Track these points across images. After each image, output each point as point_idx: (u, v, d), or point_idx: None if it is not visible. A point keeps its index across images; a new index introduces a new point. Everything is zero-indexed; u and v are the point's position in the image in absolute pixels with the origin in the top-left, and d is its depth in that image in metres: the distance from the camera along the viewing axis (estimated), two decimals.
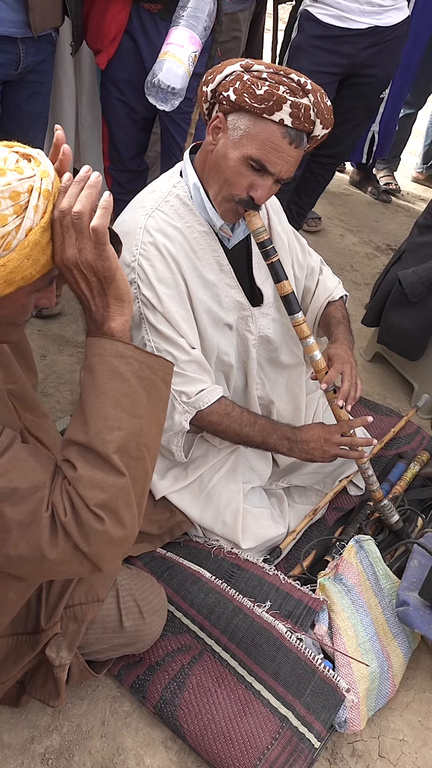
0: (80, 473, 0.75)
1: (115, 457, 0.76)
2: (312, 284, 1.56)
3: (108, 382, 0.77)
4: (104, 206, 0.75)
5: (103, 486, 0.75)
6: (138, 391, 0.78)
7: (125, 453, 0.77)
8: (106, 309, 0.78)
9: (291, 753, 1.15)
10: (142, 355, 0.79)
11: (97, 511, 0.74)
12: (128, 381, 0.77)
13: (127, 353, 0.78)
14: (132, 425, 0.77)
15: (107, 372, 0.77)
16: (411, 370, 2.17)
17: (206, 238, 1.30)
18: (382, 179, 3.64)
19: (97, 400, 0.77)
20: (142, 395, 0.78)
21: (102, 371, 0.77)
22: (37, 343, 2.07)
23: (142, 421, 0.78)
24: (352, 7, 2.10)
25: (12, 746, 1.17)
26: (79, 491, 0.75)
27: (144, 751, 1.19)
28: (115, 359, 0.77)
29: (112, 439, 0.76)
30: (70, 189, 0.76)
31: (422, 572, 1.36)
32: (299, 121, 1.14)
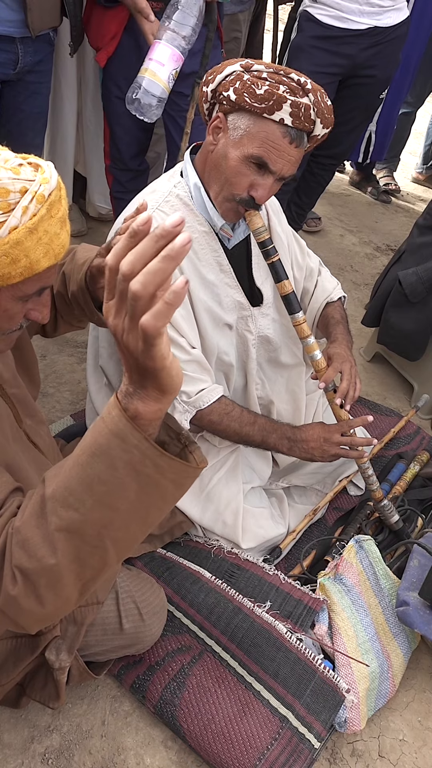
0: (20, 527, 0.68)
1: (56, 535, 0.66)
2: (311, 285, 1.56)
3: (93, 458, 0.64)
4: (170, 301, 0.53)
5: (30, 555, 0.67)
6: (125, 483, 0.64)
7: (75, 536, 0.66)
8: (141, 389, 0.62)
9: (291, 753, 1.15)
10: (151, 449, 0.63)
11: (16, 572, 0.67)
12: (115, 469, 0.64)
13: (131, 440, 0.62)
14: (96, 515, 0.65)
15: (97, 447, 0.64)
16: (411, 370, 2.17)
17: (206, 238, 1.30)
18: (381, 179, 3.64)
19: (73, 467, 0.66)
20: (130, 489, 0.65)
21: (94, 441, 0.65)
22: (37, 344, 2.07)
23: (115, 514, 0.66)
24: (352, 8, 2.10)
25: (12, 746, 1.16)
26: (12, 542, 0.68)
27: (144, 751, 1.19)
28: (113, 438, 0.63)
29: (63, 516, 0.66)
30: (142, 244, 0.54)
31: (422, 572, 1.36)
32: (299, 121, 1.14)
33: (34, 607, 0.69)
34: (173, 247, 0.52)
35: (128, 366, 0.61)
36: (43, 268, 0.74)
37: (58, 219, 0.74)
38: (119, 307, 0.57)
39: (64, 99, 2.26)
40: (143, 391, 0.62)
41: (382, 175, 3.66)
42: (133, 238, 0.54)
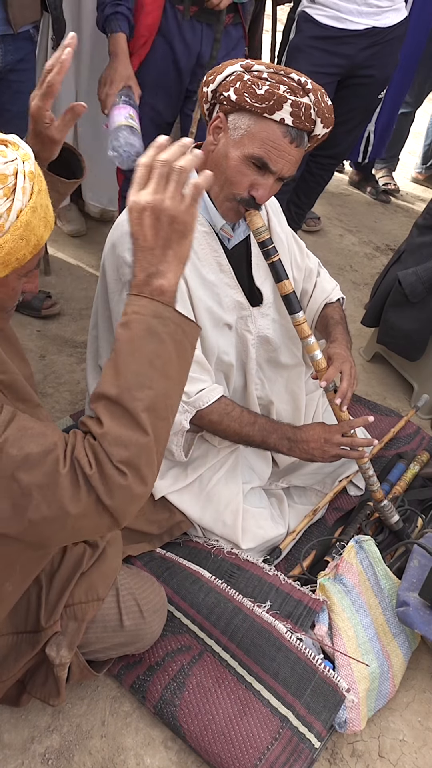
0: (106, 430, 0.76)
1: (143, 416, 0.76)
2: (310, 286, 1.56)
3: (144, 341, 0.77)
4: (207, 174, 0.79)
5: (127, 444, 0.76)
6: (171, 352, 0.79)
7: (153, 412, 0.77)
8: (162, 263, 0.78)
9: (291, 753, 1.15)
10: (179, 317, 0.79)
11: (121, 467, 0.76)
12: (164, 342, 0.78)
13: (166, 314, 0.78)
14: (162, 385, 0.78)
15: (144, 331, 0.77)
16: (411, 370, 2.17)
17: (207, 238, 1.30)
18: (380, 179, 3.65)
19: (132, 357, 0.77)
20: (173, 357, 0.79)
21: (139, 329, 0.77)
22: (37, 344, 2.07)
23: (171, 382, 0.79)
24: (350, 8, 2.10)
25: (12, 746, 1.16)
26: (104, 447, 0.76)
27: (144, 751, 1.19)
28: (153, 320, 0.77)
29: (142, 397, 0.77)
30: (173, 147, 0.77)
31: (422, 572, 1.36)
32: (300, 121, 1.14)
33: (141, 489, 0.78)
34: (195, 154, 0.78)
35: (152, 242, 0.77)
36: (45, 240, 0.80)
37: (44, 191, 0.79)
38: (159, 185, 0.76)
39: (61, 99, 2.25)
40: (164, 264, 0.78)
41: (381, 175, 3.67)
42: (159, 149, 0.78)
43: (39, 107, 1.02)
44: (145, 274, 0.78)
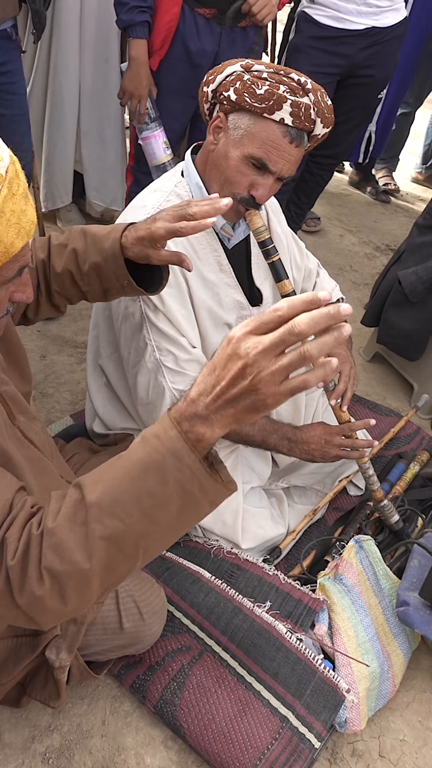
0: (55, 529, 0.69)
1: (96, 543, 0.68)
2: (309, 286, 1.57)
3: (145, 473, 0.67)
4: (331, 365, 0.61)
5: (64, 558, 0.68)
6: (171, 499, 0.68)
7: (114, 545, 0.69)
8: (216, 413, 0.65)
9: (291, 753, 1.15)
10: (202, 471, 0.67)
11: (44, 573, 0.68)
12: (166, 485, 0.67)
13: (186, 461, 0.66)
14: (140, 526, 0.68)
15: (152, 462, 0.67)
16: (411, 370, 2.17)
17: (207, 238, 1.30)
18: (380, 179, 3.65)
19: (123, 479, 0.68)
20: (173, 505, 0.68)
21: (148, 457, 0.67)
22: (37, 344, 2.07)
23: (155, 527, 0.69)
24: (350, 8, 2.10)
25: (13, 746, 1.16)
26: (42, 544, 0.68)
27: (144, 751, 1.19)
28: (169, 456, 0.66)
29: (108, 525, 0.67)
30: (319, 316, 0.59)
31: (422, 572, 1.36)
32: (300, 120, 1.14)
33: (57, 606, 0.70)
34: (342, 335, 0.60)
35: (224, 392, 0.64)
36: (19, 249, 0.73)
37: (20, 195, 0.72)
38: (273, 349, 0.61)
39: (63, 99, 2.26)
40: (217, 417, 0.65)
41: (381, 175, 3.67)
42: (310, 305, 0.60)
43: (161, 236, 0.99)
44: (193, 409, 0.66)
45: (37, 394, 1.88)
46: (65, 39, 2.13)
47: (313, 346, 0.60)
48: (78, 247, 1.09)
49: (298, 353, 0.60)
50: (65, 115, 2.28)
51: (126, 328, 1.31)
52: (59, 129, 2.31)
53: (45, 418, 1.81)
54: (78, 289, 1.13)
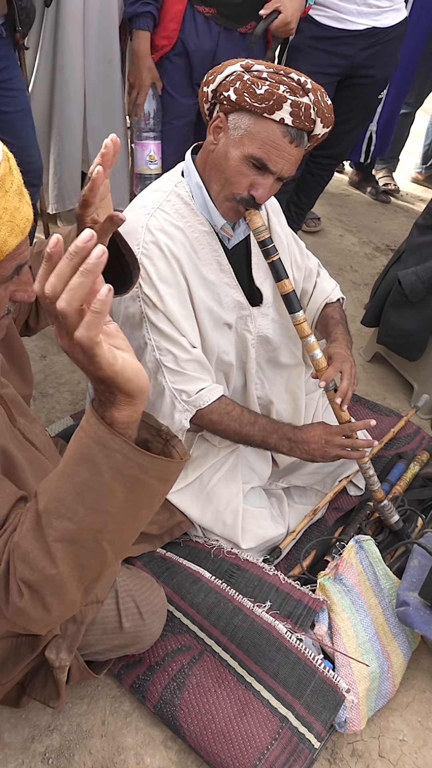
0: (19, 541, 0.69)
1: (54, 546, 0.67)
2: (309, 286, 1.57)
3: (78, 467, 0.66)
4: (97, 309, 0.56)
5: (32, 567, 0.68)
6: (112, 486, 0.66)
7: (73, 544, 0.68)
8: (111, 395, 0.64)
9: (291, 753, 1.15)
10: (133, 451, 0.65)
11: (21, 585, 0.69)
12: (101, 474, 0.65)
13: (112, 445, 0.64)
14: (90, 520, 0.67)
15: (80, 456, 0.66)
16: (411, 370, 2.17)
17: (207, 238, 1.30)
18: (380, 179, 3.65)
19: (60, 478, 0.67)
20: (118, 491, 0.66)
21: (77, 452, 0.66)
22: (37, 344, 2.07)
23: (108, 517, 0.67)
24: (350, 9, 2.10)
25: (12, 746, 1.17)
26: (14, 557, 0.69)
27: (144, 751, 1.19)
28: (94, 446, 0.64)
29: (58, 527, 0.67)
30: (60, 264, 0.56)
31: (422, 572, 1.36)
32: (300, 120, 1.14)
33: (42, 615, 0.71)
34: (89, 262, 0.54)
35: (90, 379, 0.63)
36: (13, 247, 0.71)
37: (14, 192, 0.71)
38: (59, 328, 0.58)
39: (71, 99, 2.25)
40: (112, 396, 0.63)
41: (381, 175, 3.67)
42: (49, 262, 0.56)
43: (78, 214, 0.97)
44: (98, 397, 0.65)
45: (37, 394, 1.88)
46: (71, 38, 2.13)
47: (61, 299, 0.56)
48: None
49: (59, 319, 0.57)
50: (72, 116, 2.28)
51: (126, 328, 1.31)
52: (67, 130, 2.30)
53: (45, 418, 1.81)
54: None
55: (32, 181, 1.83)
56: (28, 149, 1.78)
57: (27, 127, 1.81)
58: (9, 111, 1.74)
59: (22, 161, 2.08)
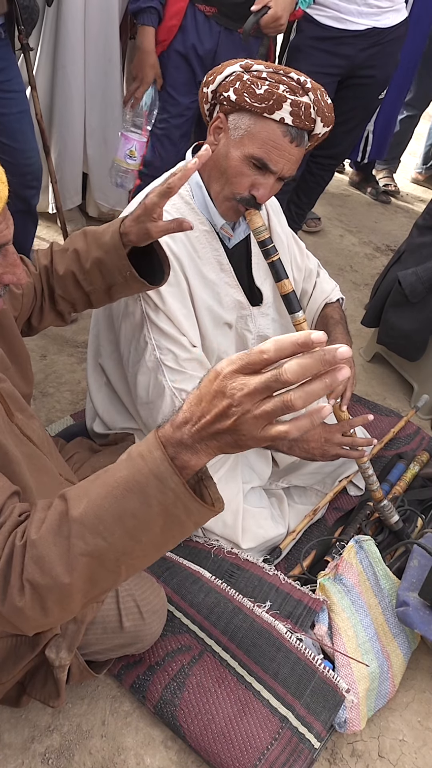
0: (37, 542, 0.68)
1: (78, 559, 0.67)
2: (309, 286, 1.57)
3: (129, 493, 0.66)
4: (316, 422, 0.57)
5: (45, 571, 0.67)
6: (154, 520, 0.67)
7: (96, 561, 0.68)
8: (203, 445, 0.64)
9: (291, 753, 1.15)
10: (187, 495, 0.65)
11: (26, 585, 0.68)
12: (150, 507, 0.66)
13: (169, 484, 0.64)
14: (122, 544, 0.67)
15: (134, 483, 0.66)
16: (411, 370, 2.17)
17: (207, 237, 1.30)
18: (381, 180, 3.65)
19: (106, 497, 0.67)
20: (156, 525, 0.67)
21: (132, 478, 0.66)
22: (37, 343, 2.07)
23: (138, 546, 0.68)
24: (350, 9, 2.11)
25: (12, 746, 1.16)
26: (25, 556, 0.68)
27: (144, 751, 1.19)
28: (152, 479, 0.65)
29: (90, 543, 0.67)
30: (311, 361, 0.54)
31: (422, 572, 1.36)
32: (300, 120, 1.14)
33: (38, 617, 0.70)
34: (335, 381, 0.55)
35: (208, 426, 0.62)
36: None
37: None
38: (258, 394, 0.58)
39: (73, 99, 2.25)
40: (203, 447, 0.64)
41: (382, 176, 3.67)
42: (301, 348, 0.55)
43: (154, 203, 0.99)
44: (179, 436, 0.64)
45: (37, 394, 1.88)
46: (72, 38, 2.14)
47: (299, 395, 0.56)
48: (79, 247, 1.10)
49: (281, 402, 0.57)
50: (74, 116, 2.28)
51: (126, 327, 1.31)
52: (68, 129, 2.31)
53: (45, 417, 1.81)
54: (81, 291, 1.13)
55: (31, 183, 1.83)
56: (27, 151, 1.78)
57: (26, 129, 1.80)
58: (7, 113, 1.73)
59: (20, 163, 2.08)
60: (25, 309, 1.13)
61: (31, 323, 1.18)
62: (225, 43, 1.95)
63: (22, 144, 1.77)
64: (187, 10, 1.89)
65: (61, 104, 2.25)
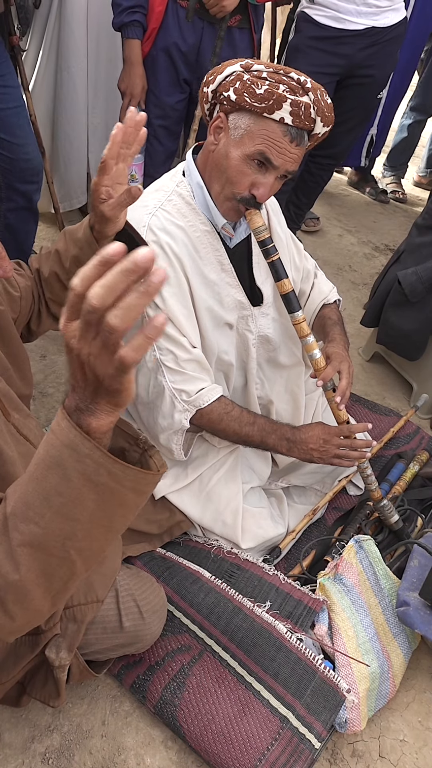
0: None
1: (18, 551, 0.65)
2: (307, 287, 1.57)
3: (47, 470, 0.63)
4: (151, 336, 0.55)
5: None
6: (82, 493, 0.63)
7: (39, 549, 0.66)
8: (94, 404, 0.61)
9: (291, 753, 1.15)
10: (105, 459, 0.62)
11: None
12: (69, 480, 0.63)
13: (82, 450, 0.61)
14: (57, 527, 0.65)
15: (50, 459, 0.63)
16: (410, 370, 2.17)
17: (208, 237, 1.30)
18: (389, 186, 3.66)
19: (30, 482, 0.65)
20: (87, 499, 0.64)
21: (47, 454, 0.64)
22: (37, 344, 2.07)
23: (77, 524, 0.65)
24: (349, 9, 2.11)
25: (12, 746, 1.16)
26: None
27: (144, 751, 1.19)
28: (64, 449, 0.62)
29: (24, 531, 0.65)
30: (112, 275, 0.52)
31: (422, 572, 1.36)
32: (300, 120, 1.14)
33: (5, 622, 0.68)
34: (152, 284, 0.52)
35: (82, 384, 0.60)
36: None
37: None
38: (85, 333, 0.56)
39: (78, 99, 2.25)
40: (95, 406, 0.61)
41: (389, 182, 3.68)
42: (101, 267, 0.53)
43: (95, 183, 0.98)
44: (74, 402, 0.62)
45: (37, 394, 1.89)
46: (77, 39, 2.14)
47: (114, 313, 0.53)
48: (59, 247, 1.10)
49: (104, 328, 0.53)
50: (78, 116, 2.28)
51: None
52: (73, 130, 2.31)
53: (45, 417, 1.81)
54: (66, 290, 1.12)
55: (31, 178, 1.82)
56: (25, 146, 1.78)
57: (23, 123, 1.80)
58: (4, 108, 1.73)
59: (19, 158, 2.08)
60: (24, 312, 1.13)
61: (31, 328, 1.18)
62: (208, 37, 1.92)
63: (21, 139, 1.77)
64: (168, 7, 1.87)
65: (65, 105, 2.25)
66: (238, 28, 1.93)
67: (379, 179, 3.72)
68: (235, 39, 1.95)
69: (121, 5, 1.85)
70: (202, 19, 1.88)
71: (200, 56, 1.94)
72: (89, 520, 0.65)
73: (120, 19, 1.87)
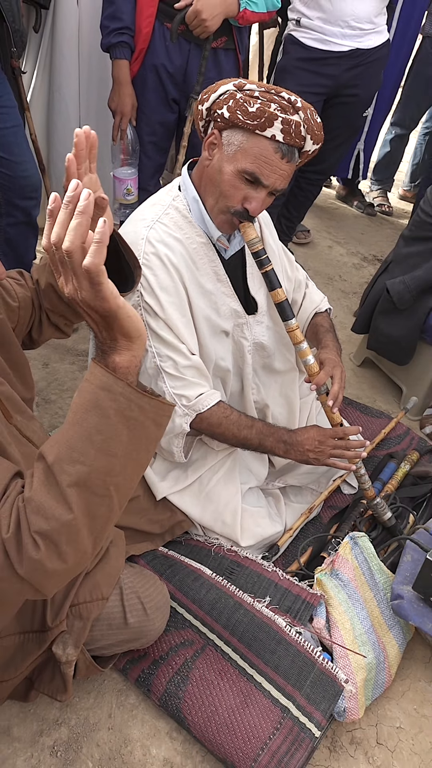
0: (32, 495, 0.73)
1: (69, 491, 0.72)
2: (299, 297, 1.61)
3: (87, 413, 0.72)
4: (99, 240, 0.64)
5: (48, 516, 0.72)
6: (118, 429, 0.73)
7: (85, 488, 0.73)
8: (113, 342, 0.73)
9: (292, 742, 1.18)
10: (134, 393, 0.73)
11: (37, 538, 0.72)
12: (108, 417, 0.72)
13: (116, 389, 0.72)
14: (100, 463, 0.73)
15: (89, 402, 0.73)
16: (399, 374, 2.22)
17: (204, 249, 1.34)
18: (375, 200, 3.74)
19: (72, 427, 0.73)
20: (122, 434, 0.73)
21: (85, 400, 0.73)
22: (39, 352, 2.10)
23: (115, 460, 0.74)
24: (334, 31, 2.17)
25: (22, 739, 1.19)
26: (27, 512, 0.73)
27: (150, 742, 1.22)
28: (100, 392, 0.72)
29: (72, 472, 0.72)
30: (59, 215, 0.66)
31: (415, 567, 1.39)
32: (290, 137, 1.18)
33: (58, 565, 0.74)
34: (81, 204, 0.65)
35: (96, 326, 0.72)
36: None
37: None
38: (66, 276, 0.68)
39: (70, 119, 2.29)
40: (114, 342, 0.73)
41: (376, 195, 3.76)
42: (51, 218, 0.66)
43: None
44: (101, 351, 0.74)
45: (40, 401, 1.92)
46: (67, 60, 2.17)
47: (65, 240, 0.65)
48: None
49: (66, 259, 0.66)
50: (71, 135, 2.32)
51: None
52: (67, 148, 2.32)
53: (48, 423, 1.84)
54: (63, 301, 1.14)
55: (30, 194, 1.85)
56: (23, 163, 1.80)
57: (20, 142, 1.82)
58: (2, 127, 1.76)
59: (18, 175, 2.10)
60: (23, 322, 1.14)
61: (33, 336, 1.20)
62: (195, 59, 1.93)
63: (18, 156, 1.80)
64: (155, 29, 1.88)
65: (59, 125, 2.30)
66: (223, 49, 1.95)
67: (366, 193, 3.81)
68: (221, 60, 1.96)
69: (108, 27, 1.87)
70: (188, 41, 1.89)
71: (187, 77, 1.96)
72: (124, 454, 0.74)
73: (108, 40, 1.89)
